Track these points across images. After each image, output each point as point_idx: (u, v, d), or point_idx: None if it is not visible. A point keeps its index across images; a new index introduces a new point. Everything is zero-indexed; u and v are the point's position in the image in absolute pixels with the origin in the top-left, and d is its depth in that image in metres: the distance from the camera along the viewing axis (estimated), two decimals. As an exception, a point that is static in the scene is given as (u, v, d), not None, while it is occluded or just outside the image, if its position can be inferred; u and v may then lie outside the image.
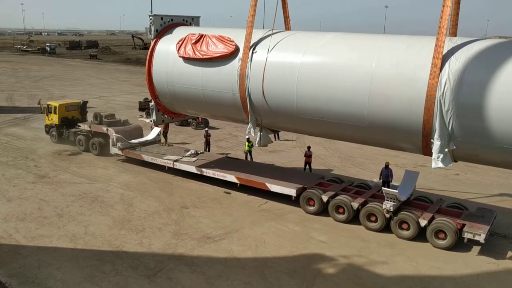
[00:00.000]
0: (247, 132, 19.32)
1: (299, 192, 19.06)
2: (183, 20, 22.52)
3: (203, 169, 21.65)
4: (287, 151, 28.76)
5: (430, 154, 14.85)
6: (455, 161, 15.23)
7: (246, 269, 14.43)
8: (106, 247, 15.59)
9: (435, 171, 16.66)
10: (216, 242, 16.15)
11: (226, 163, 22.89)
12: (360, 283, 13.81)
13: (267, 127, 19.23)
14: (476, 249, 15.74)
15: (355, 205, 17.66)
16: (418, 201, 18.13)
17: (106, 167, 24.37)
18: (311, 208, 18.70)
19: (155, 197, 20.23)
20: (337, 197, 18.28)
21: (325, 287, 13.56)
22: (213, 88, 18.99)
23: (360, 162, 26.66)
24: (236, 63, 18.18)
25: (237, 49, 18.29)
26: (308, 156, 23.50)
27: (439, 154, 14.46)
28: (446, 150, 14.48)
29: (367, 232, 17.18)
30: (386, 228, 17.05)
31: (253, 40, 18.04)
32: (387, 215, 16.83)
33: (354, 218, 17.85)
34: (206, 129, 28.11)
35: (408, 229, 16.52)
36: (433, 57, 14.02)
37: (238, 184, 20.59)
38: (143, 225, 17.32)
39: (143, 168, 24.09)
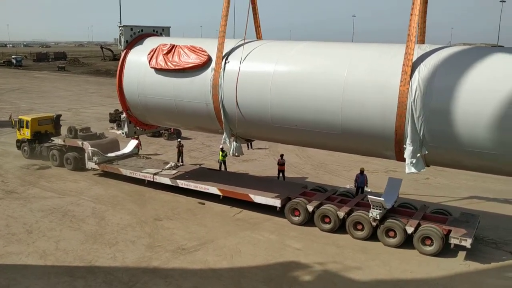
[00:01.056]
0: (222, 142, 19.25)
1: (284, 202, 18.86)
2: (154, 30, 22.39)
3: (184, 182, 21.27)
4: (260, 159, 28.81)
5: (403, 160, 15.10)
6: (427, 165, 15.50)
7: (222, 279, 14.31)
8: (78, 262, 15.20)
9: (406, 176, 16.95)
10: (191, 253, 15.97)
11: (205, 174, 22.59)
12: (336, 289, 13.89)
13: (241, 136, 19.20)
14: (448, 251, 16.00)
15: (341, 214, 17.55)
16: (403, 208, 18.15)
17: (76, 181, 23.85)
18: (296, 219, 18.48)
19: (127, 210, 19.89)
20: (322, 207, 18.12)
21: (302, 295, 13.58)
22: (186, 99, 18.89)
23: (333, 169, 26.93)
24: (209, 73, 18.14)
25: (209, 59, 18.26)
26: (281, 164, 23.59)
27: (412, 159, 14.71)
28: (419, 155, 14.75)
29: (341, 238, 17.30)
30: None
31: (226, 50, 18.05)
32: (374, 223, 16.85)
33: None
34: (179, 140, 27.89)
35: (394, 236, 16.54)
36: (403, 64, 14.33)
37: (221, 196, 20.37)
38: (116, 239, 16.98)
39: (115, 180, 23.68)
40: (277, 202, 18.86)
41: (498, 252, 16.36)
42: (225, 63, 17.90)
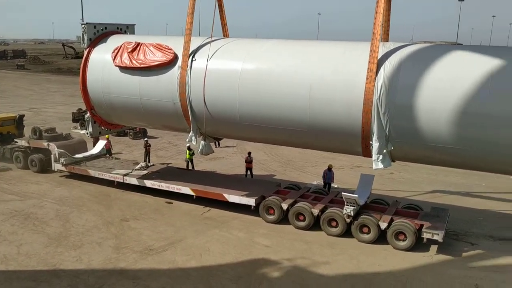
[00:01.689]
0: (187, 141, 19.04)
1: (259, 201, 18.78)
2: (118, 28, 21.96)
3: (155, 183, 20.92)
4: (228, 157, 28.76)
5: (370, 156, 15.35)
6: (393, 161, 15.79)
7: (191, 278, 14.22)
8: (42, 266, 14.77)
9: (371, 171, 17.27)
10: (159, 253, 15.79)
11: (174, 174, 22.28)
12: (304, 285, 14.01)
13: (210, 135, 19.08)
14: (415, 245, 16.35)
15: (316, 211, 17.60)
16: (375, 204, 18.36)
17: (39, 182, 23.16)
18: (271, 217, 18.42)
19: (93, 211, 19.47)
20: (296, 205, 18.15)
21: (271, 292, 13.64)
22: (152, 98, 18.62)
23: (300, 165, 27.17)
24: (175, 71, 17.93)
25: (175, 57, 18.05)
26: (248, 162, 23.62)
27: (379, 155, 14.98)
28: (385, 151, 15.03)
29: (309, 234, 17.46)
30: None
31: (192, 48, 17.89)
32: (348, 220, 16.99)
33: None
34: (146, 139, 27.51)
35: (368, 232, 16.71)
36: (369, 62, 14.57)
37: (194, 197, 20.11)
38: (81, 241, 16.60)
39: (79, 181, 23.11)
40: (251, 201, 18.78)
41: (460, 244, 16.90)
42: (192, 61, 17.75)
